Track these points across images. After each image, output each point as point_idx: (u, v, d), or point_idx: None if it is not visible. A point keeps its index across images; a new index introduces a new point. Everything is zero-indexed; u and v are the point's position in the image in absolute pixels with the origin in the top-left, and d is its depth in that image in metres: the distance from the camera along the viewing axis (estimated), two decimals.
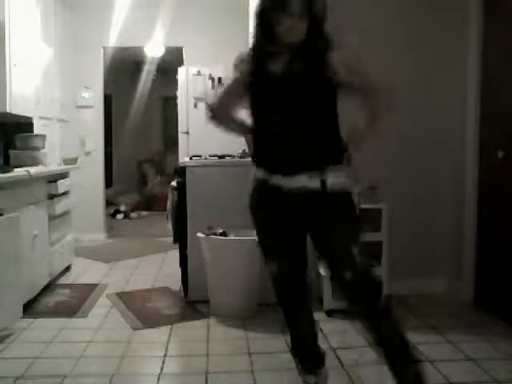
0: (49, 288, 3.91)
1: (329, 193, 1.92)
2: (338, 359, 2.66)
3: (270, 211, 2.06)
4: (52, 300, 3.69)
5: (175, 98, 5.96)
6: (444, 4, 3.68)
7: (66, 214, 4.39)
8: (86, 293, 3.86)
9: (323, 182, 1.92)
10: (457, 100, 3.68)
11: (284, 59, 1.95)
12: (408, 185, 3.70)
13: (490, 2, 3.44)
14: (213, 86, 5.45)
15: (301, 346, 2.28)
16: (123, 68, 8.49)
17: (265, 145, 2.01)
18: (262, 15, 1.96)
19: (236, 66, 2.08)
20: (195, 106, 5.52)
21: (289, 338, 2.92)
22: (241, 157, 4.03)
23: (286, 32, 1.90)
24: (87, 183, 5.78)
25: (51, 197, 3.98)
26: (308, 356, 2.27)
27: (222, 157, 3.79)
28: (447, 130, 3.73)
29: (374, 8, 3.67)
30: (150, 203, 8.53)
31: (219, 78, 5.35)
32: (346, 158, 1.99)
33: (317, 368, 2.26)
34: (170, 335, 3.01)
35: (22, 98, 4.25)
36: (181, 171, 3.62)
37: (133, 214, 8.05)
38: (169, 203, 3.92)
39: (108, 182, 6.78)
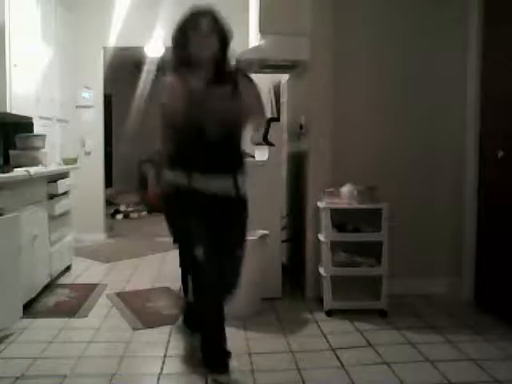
0: (49, 288, 3.91)
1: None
2: (338, 359, 2.66)
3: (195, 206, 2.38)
4: (52, 300, 3.69)
5: None
6: (444, 3, 3.68)
7: (65, 214, 4.39)
8: (86, 293, 3.86)
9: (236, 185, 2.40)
10: (457, 100, 3.69)
11: (201, 77, 2.33)
12: (408, 185, 3.71)
13: (490, 1, 3.44)
14: None
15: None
16: (123, 68, 8.48)
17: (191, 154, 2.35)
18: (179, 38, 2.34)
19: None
20: None
21: (290, 339, 2.94)
22: None
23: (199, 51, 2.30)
24: (87, 183, 5.77)
25: (51, 197, 3.98)
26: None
27: None
28: (447, 130, 3.73)
29: (376, 11, 3.68)
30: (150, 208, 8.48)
31: None
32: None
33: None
34: (169, 335, 3.01)
35: (22, 98, 4.25)
36: None
37: (133, 214, 8.06)
38: None
39: (108, 181, 6.78)
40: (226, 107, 2.35)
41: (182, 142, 2.37)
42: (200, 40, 2.29)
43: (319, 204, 3.48)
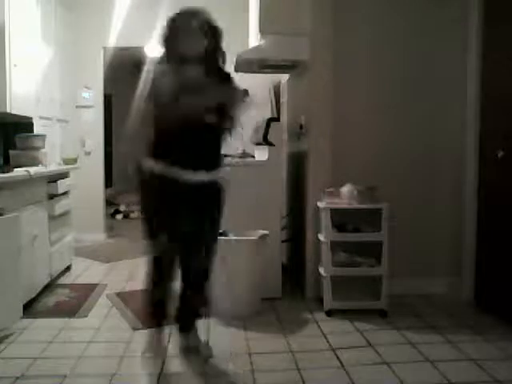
0: (49, 288, 3.91)
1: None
2: (338, 359, 2.66)
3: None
4: (52, 300, 3.69)
5: None
6: (444, 3, 3.67)
7: (65, 214, 4.39)
8: (86, 293, 3.86)
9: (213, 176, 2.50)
10: (457, 100, 3.69)
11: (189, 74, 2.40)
12: (408, 185, 3.71)
13: (490, 1, 3.44)
14: None
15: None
16: (123, 68, 8.48)
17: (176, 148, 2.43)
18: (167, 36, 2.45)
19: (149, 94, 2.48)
20: None
21: (290, 339, 2.94)
22: (241, 157, 4.04)
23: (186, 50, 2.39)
24: (87, 183, 5.77)
25: (51, 197, 3.98)
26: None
27: None
28: (447, 130, 3.73)
29: (376, 11, 3.68)
30: None
31: None
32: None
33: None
34: (170, 335, 3.01)
35: (22, 98, 4.25)
36: None
37: (133, 214, 8.05)
38: None
39: (108, 182, 6.78)
40: (212, 104, 2.43)
41: (165, 135, 2.43)
42: (188, 39, 2.40)
43: (319, 204, 3.48)
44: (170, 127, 2.39)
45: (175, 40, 2.43)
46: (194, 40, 2.41)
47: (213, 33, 2.45)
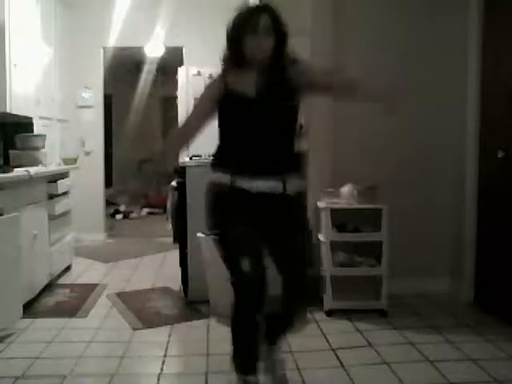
0: (49, 288, 3.91)
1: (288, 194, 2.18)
2: (338, 359, 2.66)
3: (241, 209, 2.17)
4: (52, 300, 3.69)
5: (175, 97, 5.96)
6: (445, 6, 3.67)
7: (65, 214, 4.39)
8: (86, 293, 3.86)
9: (284, 185, 2.18)
10: (457, 100, 3.68)
11: (254, 77, 2.15)
12: (408, 185, 3.70)
13: (490, 5, 3.44)
14: None
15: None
16: (123, 68, 8.49)
17: (241, 153, 2.18)
18: (233, 36, 2.16)
19: (210, 86, 2.22)
20: None
21: (290, 339, 2.93)
22: None
23: (254, 51, 2.12)
24: (87, 183, 5.78)
25: (51, 197, 3.99)
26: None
27: None
28: (447, 130, 3.73)
29: (376, 11, 3.68)
30: None
31: None
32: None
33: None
34: (169, 335, 3.02)
35: (22, 98, 4.25)
36: (181, 171, 3.62)
37: (133, 214, 8.06)
38: (169, 203, 3.92)
39: (108, 182, 6.78)
40: (282, 106, 2.25)
41: (231, 141, 2.22)
42: (256, 38, 2.11)
43: (319, 204, 3.48)
44: (235, 132, 2.18)
45: (241, 40, 2.13)
46: (261, 40, 2.11)
47: (281, 31, 2.18)
